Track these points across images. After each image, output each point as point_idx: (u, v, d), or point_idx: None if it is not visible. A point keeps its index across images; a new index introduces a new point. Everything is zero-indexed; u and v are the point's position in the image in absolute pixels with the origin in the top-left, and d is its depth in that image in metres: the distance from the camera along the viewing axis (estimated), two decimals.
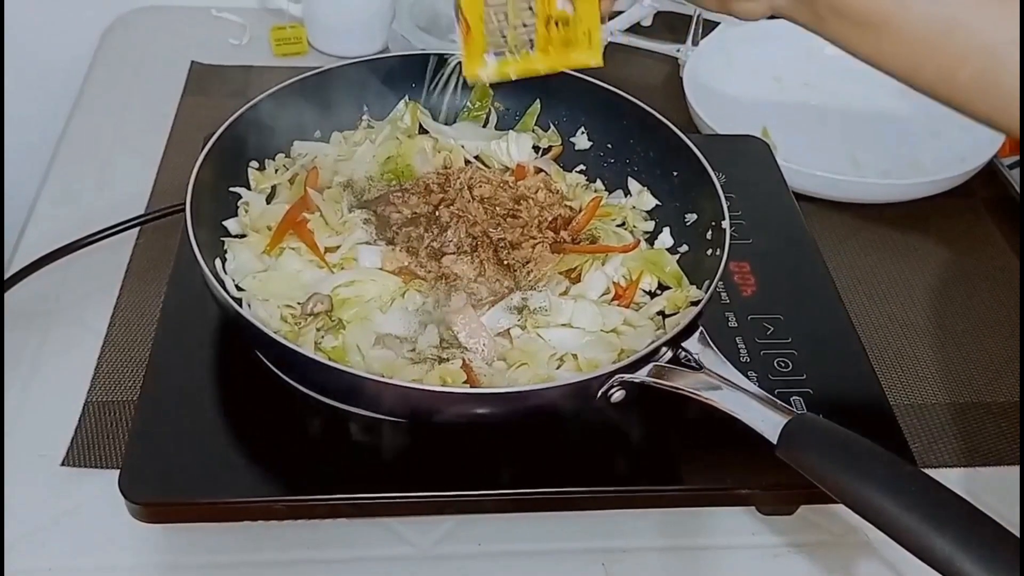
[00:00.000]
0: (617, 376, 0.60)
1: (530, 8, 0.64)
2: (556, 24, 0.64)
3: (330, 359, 0.63)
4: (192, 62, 1.10)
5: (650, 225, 0.79)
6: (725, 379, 0.60)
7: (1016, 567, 0.47)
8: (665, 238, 0.77)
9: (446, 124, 0.84)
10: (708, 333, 0.64)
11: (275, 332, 0.60)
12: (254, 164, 0.77)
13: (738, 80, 1.09)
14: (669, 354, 0.62)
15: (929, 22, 0.57)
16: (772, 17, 0.64)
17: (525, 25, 0.64)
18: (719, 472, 0.64)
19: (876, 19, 0.58)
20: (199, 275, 0.64)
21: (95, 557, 0.64)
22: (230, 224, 0.73)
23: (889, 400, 0.70)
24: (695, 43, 1.11)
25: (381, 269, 0.70)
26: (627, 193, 0.81)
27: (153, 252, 0.84)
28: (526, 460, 0.63)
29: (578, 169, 0.84)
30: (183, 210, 0.65)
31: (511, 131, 0.84)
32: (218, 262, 0.69)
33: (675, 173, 0.78)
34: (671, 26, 1.18)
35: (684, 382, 0.60)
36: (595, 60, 0.66)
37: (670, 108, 0.87)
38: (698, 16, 1.10)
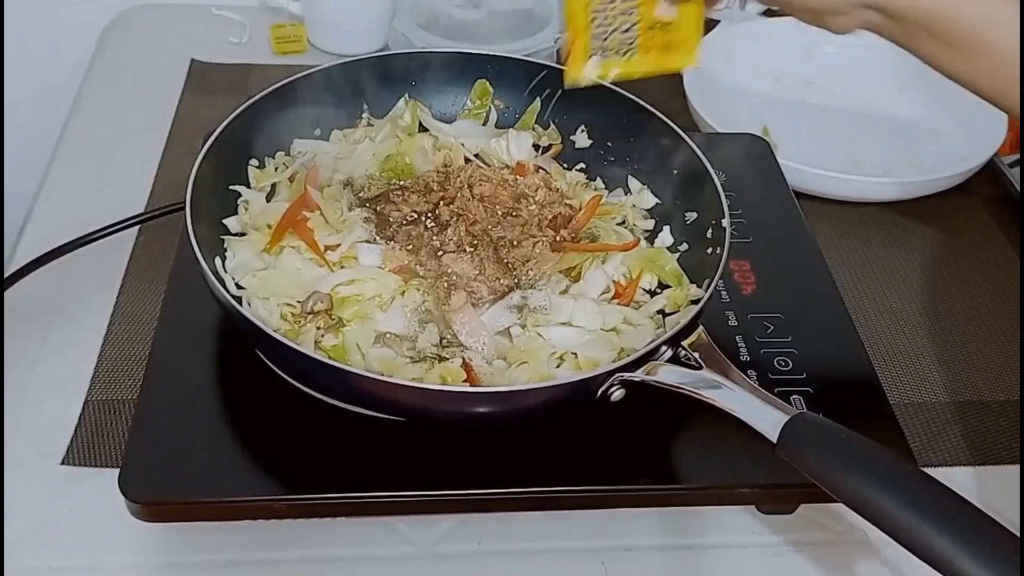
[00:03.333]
0: (617, 375, 0.60)
1: (630, 15, 0.66)
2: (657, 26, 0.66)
3: (330, 357, 0.63)
4: (192, 60, 1.10)
5: (650, 223, 0.79)
6: (725, 378, 0.60)
7: (1016, 567, 0.47)
8: (665, 236, 0.77)
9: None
10: (708, 332, 0.64)
11: (275, 330, 0.60)
12: (254, 162, 0.77)
13: (739, 78, 1.09)
14: (669, 353, 0.62)
15: (1019, 45, 0.56)
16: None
17: (625, 31, 0.67)
18: (719, 471, 0.64)
19: (967, 40, 0.58)
20: (199, 273, 0.64)
21: (95, 556, 0.64)
22: (230, 222, 0.73)
23: (889, 399, 0.69)
24: None
25: (381, 267, 0.70)
26: (627, 191, 0.81)
27: (153, 251, 0.84)
28: (526, 459, 0.63)
29: (578, 167, 0.84)
30: (183, 208, 0.65)
31: (511, 129, 0.84)
32: (218, 260, 0.69)
33: (675, 171, 0.78)
34: None
35: (684, 381, 0.60)
36: (693, 63, 0.68)
37: (670, 106, 0.86)
38: None
